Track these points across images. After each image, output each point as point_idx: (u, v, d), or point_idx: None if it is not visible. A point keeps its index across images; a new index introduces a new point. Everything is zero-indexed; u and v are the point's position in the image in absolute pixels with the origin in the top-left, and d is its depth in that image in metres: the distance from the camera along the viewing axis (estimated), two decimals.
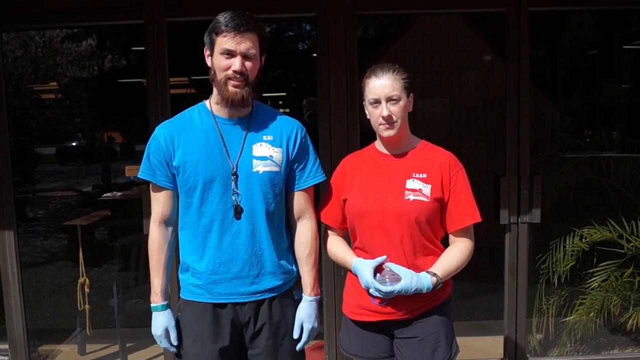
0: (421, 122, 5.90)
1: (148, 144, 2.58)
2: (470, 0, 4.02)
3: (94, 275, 5.23)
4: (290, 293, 2.71)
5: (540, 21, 5.10)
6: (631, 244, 4.10)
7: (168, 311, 2.61)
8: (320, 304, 2.72)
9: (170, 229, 2.63)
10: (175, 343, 2.60)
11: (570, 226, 4.24)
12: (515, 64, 3.97)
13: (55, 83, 7.57)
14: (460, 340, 4.51)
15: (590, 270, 4.22)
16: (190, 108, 2.62)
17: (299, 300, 2.74)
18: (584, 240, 4.15)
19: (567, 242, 4.20)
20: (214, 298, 2.54)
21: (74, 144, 8.38)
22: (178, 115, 2.63)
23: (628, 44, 5.28)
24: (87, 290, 4.41)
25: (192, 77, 5.67)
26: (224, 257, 2.53)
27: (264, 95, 6.33)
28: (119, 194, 5.97)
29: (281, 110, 6.56)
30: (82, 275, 4.40)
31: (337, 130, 3.92)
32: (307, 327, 2.61)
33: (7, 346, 4.30)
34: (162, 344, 2.61)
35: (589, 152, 5.29)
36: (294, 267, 2.70)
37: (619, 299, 4.16)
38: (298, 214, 2.66)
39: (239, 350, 2.63)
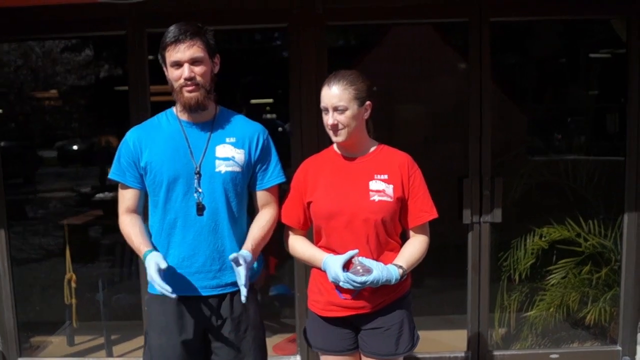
0: (399, 126, 6.12)
1: (119, 147, 2.78)
2: (435, 11, 4.17)
3: (86, 271, 5.46)
4: (252, 288, 2.82)
5: (510, 29, 5.29)
6: (588, 243, 4.28)
7: (155, 252, 2.63)
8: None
9: (138, 215, 2.79)
10: (164, 284, 2.51)
11: (531, 225, 4.42)
12: (477, 70, 4.17)
13: (55, 91, 7.74)
14: (427, 334, 4.75)
15: (550, 268, 4.39)
16: (159, 114, 2.83)
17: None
18: (543, 239, 4.33)
19: (528, 241, 4.38)
20: (177, 291, 2.64)
21: (74, 147, 8.54)
22: (147, 120, 2.84)
23: (594, 52, 5.46)
24: (73, 285, 4.65)
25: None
26: (187, 252, 2.71)
27: (252, 102, 6.50)
28: (110, 194, 6.17)
29: (268, 116, 6.75)
30: (69, 271, 4.62)
31: (307, 137, 4.08)
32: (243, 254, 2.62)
33: None
34: (160, 286, 2.51)
35: (558, 155, 5.46)
36: (255, 264, 2.84)
37: (577, 295, 4.34)
38: (262, 208, 2.86)
39: (203, 343, 2.79)
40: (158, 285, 2.51)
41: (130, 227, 2.74)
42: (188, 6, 4.02)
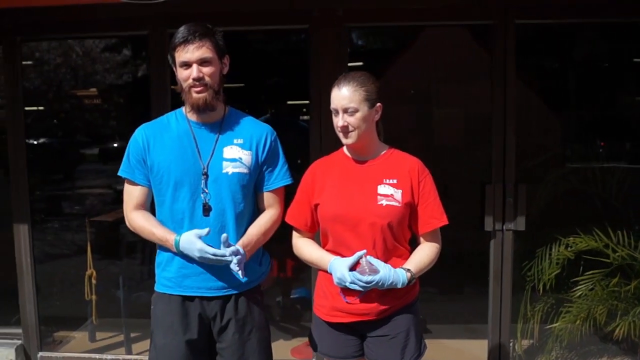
0: (437, 130, 6.05)
1: (128, 144, 2.80)
2: (458, 13, 4.09)
3: (116, 268, 5.54)
4: (257, 290, 2.88)
5: (548, 32, 5.14)
6: (617, 254, 4.10)
7: (186, 233, 2.63)
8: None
9: (147, 211, 2.82)
10: (217, 251, 2.55)
11: (557, 234, 4.27)
12: (501, 74, 4.07)
13: (95, 89, 7.89)
14: (449, 343, 4.65)
15: (576, 279, 4.25)
16: (169, 113, 2.84)
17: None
18: (569, 249, 4.18)
19: (553, 250, 4.23)
20: (183, 291, 2.73)
21: (115, 145, 8.70)
22: (157, 119, 2.86)
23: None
24: (94, 281, 4.71)
25: (233, 85, 5.89)
26: None
27: (289, 102, 6.50)
28: None
29: (302, 118, 6.75)
30: (90, 268, 4.69)
31: (327, 138, 4.02)
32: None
33: (21, 330, 4.64)
34: (215, 255, 2.55)
35: (599, 162, 5.28)
36: (261, 266, 2.89)
37: (605, 308, 4.17)
38: (266, 209, 2.85)
39: (208, 342, 2.80)
40: (213, 254, 2.55)
41: (144, 220, 2.76)
42: (209, 7, 4.03)
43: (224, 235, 2.57)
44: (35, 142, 7.45)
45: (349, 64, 4.19)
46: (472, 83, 5.31)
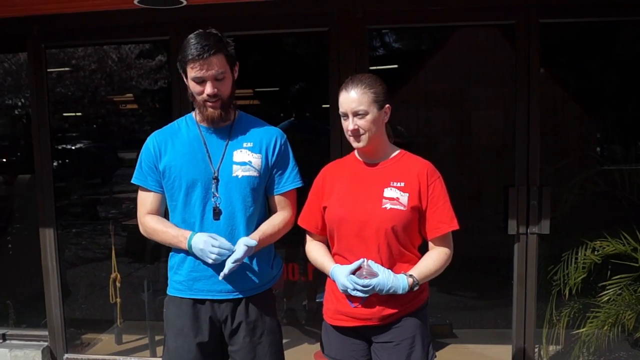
0: (471, 133, 5.98)
1: (141, 152, 2.83)
2: (479, 13, 4.03)
3: (145, 272, 5.59)
4: (269, 293, 2.87)
5: (584, 31, 5.03)
6: None
7: (199, 232, 2.67)
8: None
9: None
10: (217, 245, 2.58)
11: (583, 238, 4.18)
12: (525, 75, 3.99)
13: (131, 94, 7.99)
14: (473, 348, 4.60)
15: (604, 283, 4.16)
16: (179, 119, 2.86)
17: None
18: (596, 252, 4.10)
19: (579, 254, 4.15)
20: (194, 294, 2.75)
21: None
22: (168, 125, 2.87)
23: None
24: (118, 284, 4.75)
25: (256, 89, 5.94)
26: None
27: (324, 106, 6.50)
28: None
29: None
30: (114, 271, 4.75)
31: (348, 142, 3.99)
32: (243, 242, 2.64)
33: (47, 332, 4.72)
34: (213, 253, 2.57)
35: (627, 164, 5.15)
36: (272, 269, 2.88)
37: (634, 313, 4.07)
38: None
39: (220, 345, 2.82)
40: (221, 247, 2.57)
41: (156, 222, 2.78)
42: (228, 11, 4.06)
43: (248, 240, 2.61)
44: (72, 147, 7.59)
45: (383, 67, 4.16)
46: (507, 84, 5.28)
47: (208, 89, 2.60)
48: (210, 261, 2.59)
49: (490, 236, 5.04)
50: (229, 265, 2.58)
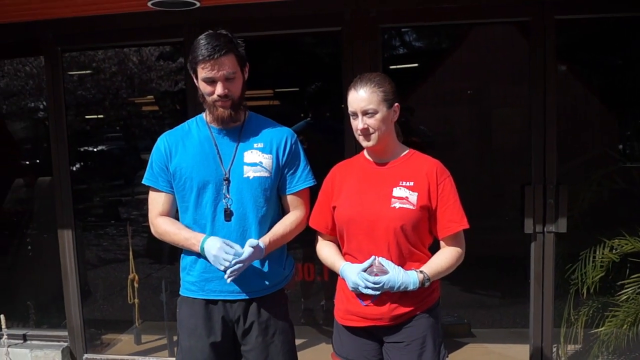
0: (492, 131, 5.95)
1: (151, 153, 2.84)
2: (494, 10, 4.01)
3: (165, 273, 5.64)
4: (281, 293, 2.88)
5: (608, 27, 4.96)
6: None
7: (212, 237, 2.66)
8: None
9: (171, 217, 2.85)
10: (232, 252, 2.57)
11: (601, 236, 4.13)
12: (541, 73, 3.96)
13: (152, 96, 8.03)
14: (492, 347, 4.57)
15: (623, 282, 4.10)
16: (189, 120, 2.87)
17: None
18: (614, 251, 4.04)
19: (597, 253, 4.10)
20: (206, 294, 2.76)
21: None
22: (178, 126, 2.88)
23: None
24: (136, 285, 4.80)
25: (275, 90, 5.95)
26: None
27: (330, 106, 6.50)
28: None
29: None
30: (132, 272, 4.79)
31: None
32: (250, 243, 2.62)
33: (66, 333, 4.78)
34: (227, 260, 2.55)
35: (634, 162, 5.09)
36: (284, 269, 2.88)
37: None
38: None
39: (233, 345, 2.83)
40: (235, 254, 2.56)
41: (169, 224, 2.79)
42: (242, 12, 4.08)
43: (253, 241, 2.60)
44: (94, 150, 7.66)
45: (402, 66, 4.15)
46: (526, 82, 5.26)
47: (219, 89, 2.60)
48: (222, 268, 2.58)
49: (509, 235, 5.00)
50: (231, 266, 2.56)
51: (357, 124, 2.60)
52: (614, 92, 5.35)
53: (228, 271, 2.57)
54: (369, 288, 2.49)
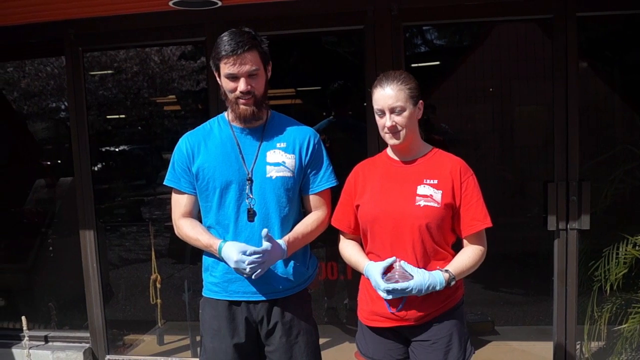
0: (514, 129, 5.94)
1: (173, 153, 2.84)
2: (516, 7, 4.00)
3: (188, 272, 5.66)
4: (304, 293, 2.88)
5: (632, 24, 4.94)
6: None
7: (230, 242, 2.65)
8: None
9: (194, 219, 2.84)
10: (252, 255, 2.54)
11: (624, 233, 4.11)
12: (563, 70, 3.94)
13: (173, 96, 8.04)
14: (516, 345, 4.57)
15: None
16: (211, 119, 2.87)
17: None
18: (638, 248, 4.03)
19: (620, 250, 4.08)
20: (229, 295, 2.75)
21: None
22: (200, 126, 2.88)
23: None
24: (158, 285, 4.83)
25: (298, 89, 5.96)
26: None
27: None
28: None
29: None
30: (154, 272, 4.81)
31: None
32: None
33: (88, 334, 4.80)
34: (246, 264, 2.53)
35: None
36: (308, 269, 2.88)
37: None
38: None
39: (257, 346, 2.82)
40: (244, 261, 2.52)
41: (190, 228, 2.78)
42: (263, 11, 4.09)
43: (265, 230, 2.56)
44: (116, 149, 7.69)
45: (424, 64, 4.14)
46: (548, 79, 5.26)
47: (241, 85, 2.60)
48: (247, 273, 2.56)
49: (532, 232, 4.99)
50: (247, 259, 2.53)
51: (385, 121, 2.59)
52: (636, 88, 5.33)
53: (248, 268, 2.53)
54: (390, 293, 2.47)
